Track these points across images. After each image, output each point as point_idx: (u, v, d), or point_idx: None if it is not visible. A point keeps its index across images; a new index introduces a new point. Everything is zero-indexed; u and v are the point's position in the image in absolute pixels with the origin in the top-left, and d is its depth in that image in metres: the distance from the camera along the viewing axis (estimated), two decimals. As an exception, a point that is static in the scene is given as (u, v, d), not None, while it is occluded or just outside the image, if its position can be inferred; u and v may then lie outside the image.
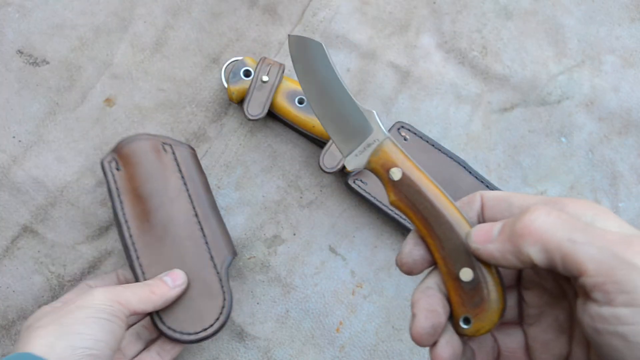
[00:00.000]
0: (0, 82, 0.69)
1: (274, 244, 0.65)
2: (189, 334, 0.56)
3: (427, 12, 0.73)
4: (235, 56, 0.71)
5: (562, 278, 0.37)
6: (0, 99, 0.69)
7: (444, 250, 0.38)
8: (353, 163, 0.41)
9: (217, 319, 0.57)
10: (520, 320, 0.39)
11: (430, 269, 0.39)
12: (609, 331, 0.31)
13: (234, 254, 0.60)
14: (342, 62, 0.71)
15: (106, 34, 0.71)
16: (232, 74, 0.67)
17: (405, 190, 0.39)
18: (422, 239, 0.39)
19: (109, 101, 0.69)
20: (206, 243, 0.59)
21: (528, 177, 0.67)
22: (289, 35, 0.45)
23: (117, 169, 0.61)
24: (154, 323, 0.56)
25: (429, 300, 0.37)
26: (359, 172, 0.64)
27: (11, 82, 0.69)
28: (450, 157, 0.66)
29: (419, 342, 0.36)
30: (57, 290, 0.63)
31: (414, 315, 0.37)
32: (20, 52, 0.70)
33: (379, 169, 0.40)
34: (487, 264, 0.37)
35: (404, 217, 0.61)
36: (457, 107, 0.70)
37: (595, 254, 0.31)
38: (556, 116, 0.69)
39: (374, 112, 0.41)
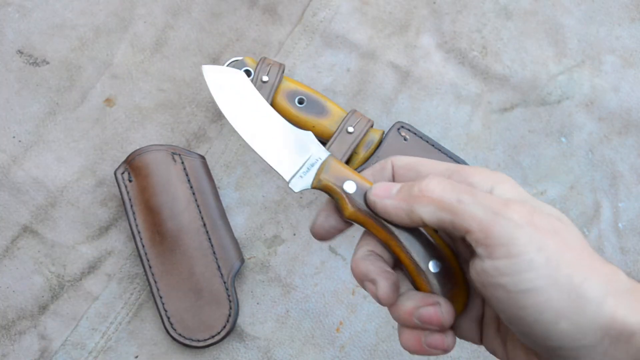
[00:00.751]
0: (0, 82, 0.69)
1: (274, 244, 0.65)
2: (198, 340, 0.60)
3: (427, 12, 0.73)
4: (235, 56, 0.71)
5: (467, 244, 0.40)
6: (0, 99, 0.69)
7: (409, 251, 0.39)
8: (299, 185, 0.41)
9: (224, 326, 0.61)
10: None
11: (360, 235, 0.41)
12: (491, 283, 0.34)
13: (242, 260, 0.63)
14: (342, 62, 0.71)
15: (106, 34, 0.71)
16: (232, 74, 0.67)
17: (360, 202, 0.40)
18: (382, 242, 0.40)
19: (109, 101, 0.69)
20: (214, 253, 0.62)
21: (528, 177, 0.67)
22: (203, 66, 0.44)
23: (130, 181, 0.64)
24: (166, 330, 0.61)
25: (377, 264, 0.39)
26: (359, 172, 0.64)
27: (11, 82, 0.69)
28: (450, 157, 0.66)
29: (387, 303, 0.38)
30: (57, 290, 0.63)
31: (373, 281, 0.38)
32: (20, 52, 0.70)
33: (331, 186, 0.40)
34: (447, 251, 0.39)
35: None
36: (457, 107, 0.70)
37: (478, 212, 0.34)
38: (556, 116, 0.69)
39: (310, 132, 0.42)
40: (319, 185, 0.40)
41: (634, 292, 0.34)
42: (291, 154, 0.41)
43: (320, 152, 0.41)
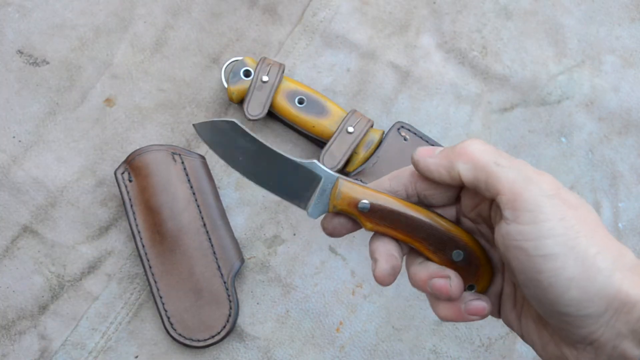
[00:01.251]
0: (0, 82, 0.69)
1: (274, 244, 0.65)
2: (198, 340, 0.60)
3: (427, 12, 0.73)
4: (235, 56, 0.71)
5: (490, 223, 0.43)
6: (0, 99, 0.69)
7: (431, 246, 0.42)
8: (317, 211, 0.43)
9: (224, 326, 0.61)
10: None
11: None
12: (514, 246, 0.37)
13: (242, 260, 0.63)
14: (342, 62, 0.71)
15: (106, 34, 0.71)
16: (232, 74, 0.67)
17: (378, 216, 0.42)
18: (406, 244, 0.43)
19: (109, 101, 0.69)
20: (214, 253, 0.62)
21: (528, 177, 0.67)
22: (193, 124, 0.45)
23: (130, 181, 0.64)
24: (166, 330, 0.61)
25: (386, 246, 0.43)
26: (359, 172, 0.64)
27: (11, 82, 0.69)
28: (450, 157, 0.66)
29: (382, 282, 0.42)
30: (57, 290, 0.63)
31: (375, 260, 0.42)
32: (20, 52, 0.70)
33: (346, 208, 0.43)
34: (470, 238, 0.42)
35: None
36: (457, 107, 0.70)
37: (512, 175, 0.38)
38: (556, 116, 0.69)
39: (315, 161, 0.43)
40: (335, 210, 0.43)
41: (638, 270, 0.37)
42: (302, 187, 0.43)
43: (329, 177, 0.43)
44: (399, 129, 0.66)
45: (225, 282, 0.62)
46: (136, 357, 0.62)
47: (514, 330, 0.43)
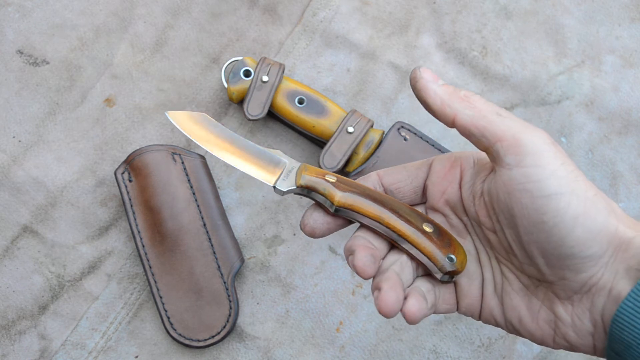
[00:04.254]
0: (0, 82, 0.69)
1: (274, 244, 0.65)
2: (198, 340, 0.60)
3: (427, 12, 0.73)
4: (235, 56, 0.71)
5: (464, 213, 0.44)
6: (0, 99, 0.69)
7: (402, 218, 0.43)
8: (285, 184, 0.45)
9: (224, 326, 0.61)
10: None
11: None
12: (519, 189, 0.38)
13: (242, 260, 0.63)
14: (342, 62, 0.71)
15: (106, 34, 0.71)
16: (232, 74, 0.67)
17: (346, 183, 0.44)
18: (379, 223, 0.43)
19: (109, 101, 0.69)
20: (214, 253, 0.62)
21: (528, 177, 0.67)
22: (166, 113, 0.48)
23: (130, 180, 0.64)
24: (166, 330, 0.61)
25: (363, 240, 0.43)
26: (359, 172, 0.65)
27: (11, 82, 0.69)
28: (450, 157, 0.66)
29: (362, 273, 0.41)
30: (57, 290, 0.63)
31: (352, 253, 0.42)
32: (20, 52, 0.70)
33: (314, 180, 0.44)
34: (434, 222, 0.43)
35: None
36: (457, 107, 0.70)
37: (513, 124, 0.39)
38: (556, 116, 0.69)
39: (279, 150, 0.48)
40: (302, 183, 0.44)
41: (627, 217, 0.40)
42: (269, 166, 0.45)
43: (293, 162, 0.46)
44: (399, 129, 0.66)
45: (225, 282, 0.62)
46: (136, 357, 0.62)
47: (496, 323, 0.43)
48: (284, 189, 0.45)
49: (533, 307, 0.42)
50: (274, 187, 0.45)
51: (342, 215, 0.44)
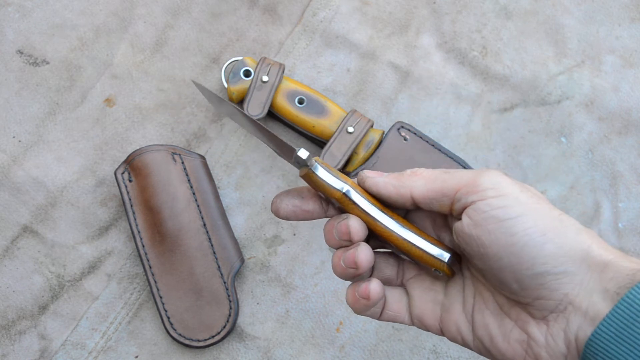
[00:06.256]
0: (0, 82, 0.69)
1: (274, 244, 0.65)
2: (198, 340, 0.60)
3: (427, 12, 0.73)
4: (235, 56, 0.71)
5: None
6: (0, 99, 0.69)
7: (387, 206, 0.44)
8: (305, 153, 0.44)
9: (224, 326, 0.61)
10: (401, 282, 0.47)
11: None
12: (484, 218, 0.39)
13: (242, 260, 0.63)
14: (342, 62, 0.71)
15: (106, 34, 0.71)
16: (232, 74, 0.67)
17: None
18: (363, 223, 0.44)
19: (109, 101, 0.69)
20: (214, 253, 0.62)
21: (528, 177, 0.67)
22: (193, 81, 0.48)
23: (130, 180, 0.64)
24: (166, 330, 0.61)
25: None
26: (359, 172, 0.64)
27: (11, 82, 0.69)
28: (450, 157, 0.66)
29: (352, 232, 0.43)
30: (57, 290, 0.63)
31: (347, 217, 0.43)
32: (20, 52, 0.70)
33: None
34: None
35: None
36: (457, 107, 0.70)
37: (465, 173, 0.41)
38: (556, 116, 0.69)
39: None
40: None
41: (602, 241, 0.40)
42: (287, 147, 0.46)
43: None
44: (399, 129, 0.66)
45: (225, 282, 0.62)
46: (136, 357, 0.62)
47: (463, 341, 0.44)
48: (304, 156, 0.43)
49: (505, 326, 0.41)
50: (297, 151, 0.44)
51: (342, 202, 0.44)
